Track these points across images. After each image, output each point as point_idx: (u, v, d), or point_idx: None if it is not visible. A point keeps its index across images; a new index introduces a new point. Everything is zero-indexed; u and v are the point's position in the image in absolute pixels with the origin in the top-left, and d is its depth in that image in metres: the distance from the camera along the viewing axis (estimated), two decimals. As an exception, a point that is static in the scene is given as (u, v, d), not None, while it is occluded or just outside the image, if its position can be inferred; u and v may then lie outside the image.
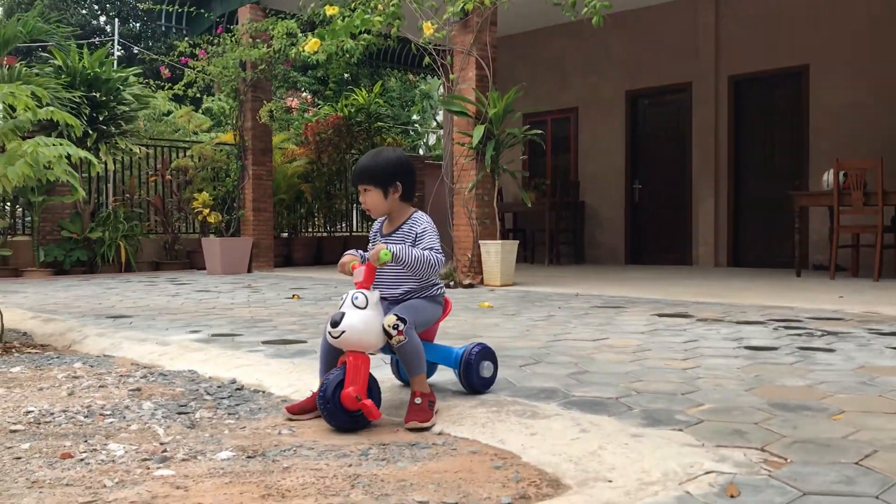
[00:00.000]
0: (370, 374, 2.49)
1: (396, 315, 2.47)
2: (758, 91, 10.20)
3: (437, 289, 2.74)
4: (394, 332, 2.44)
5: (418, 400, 2.46)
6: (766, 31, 9.90)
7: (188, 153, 11.14)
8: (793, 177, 9.72)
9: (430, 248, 2.62)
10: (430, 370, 2.92)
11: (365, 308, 2.45)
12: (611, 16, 6.31)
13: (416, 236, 2.66)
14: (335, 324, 2.42)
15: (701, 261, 10.50)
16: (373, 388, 2.48)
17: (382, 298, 2.66)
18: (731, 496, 1.75)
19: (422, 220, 2.71)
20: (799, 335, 4.09)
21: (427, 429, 2.40)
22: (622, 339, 3.97)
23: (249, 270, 10.04)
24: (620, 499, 1.77)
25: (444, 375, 2.96)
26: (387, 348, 2.55)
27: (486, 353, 2.77)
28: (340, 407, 2.39)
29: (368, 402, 2.37)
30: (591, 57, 11.61)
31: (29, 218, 10.25)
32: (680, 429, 2.24)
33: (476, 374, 2.71)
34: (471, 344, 2.78)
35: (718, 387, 2.81)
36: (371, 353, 2.51)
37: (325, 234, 13.32)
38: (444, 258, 2.65)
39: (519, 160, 9.78)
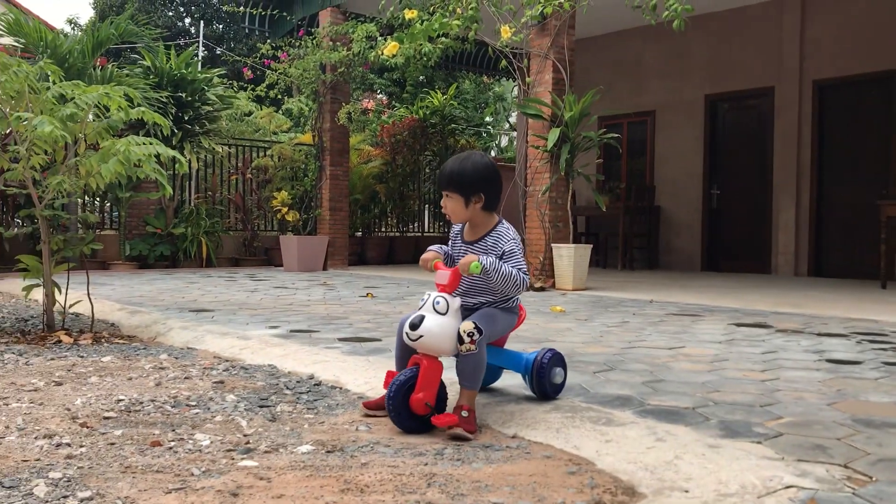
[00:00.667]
0: (441, 381, 2.51)
1: (475, 323, 2.46)
2: (843, 96, 9.88)
3: (513, 301, 2.71)
4: (467, 340, 2.43)
5: (465, 413, 2.43)
6: (854, 35, 9.59)
7: (268, 153, 11.43)
8: (879, 185, 9.39)
9: (519, 269, 2.58)
10: (497, 375, 2.93)
11: (445, 314, 2.47)
12: (692, 18, 6.22)
13: (503, 253, 2.61)
14: (414, 326, 2.44)
15: (780, 270, 10.23)
16: (440, 394, 2.50)
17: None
18: (813, 512, 1.72)
19: (508, 236, 2.65)
20: (884, 349, 3.96)
21: (469, 439, 2.35)
22: (698, 349, 3.91)
23: (325, 268, 10.23)
24: (697, 509, 1.76)
25: (509, 381, 2.97)
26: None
27: (558, 359, 2.75)
28: (408, 410, 2.43)
29: (425, 394, 2.41)
30: (671, 60, 11.44)
31: (116, 213, 10.67)
32: (759, 441, 2.21)
33: (548, 380, 2.70)
34: (542, 350, 2.76)
35: (799, 400, 2.75)
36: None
37: (397, 234, 13.47)
38: (528, 279, 2.62)
39: (594, 164, 9.69)
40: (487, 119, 30.06)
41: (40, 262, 4.52)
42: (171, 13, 27.59)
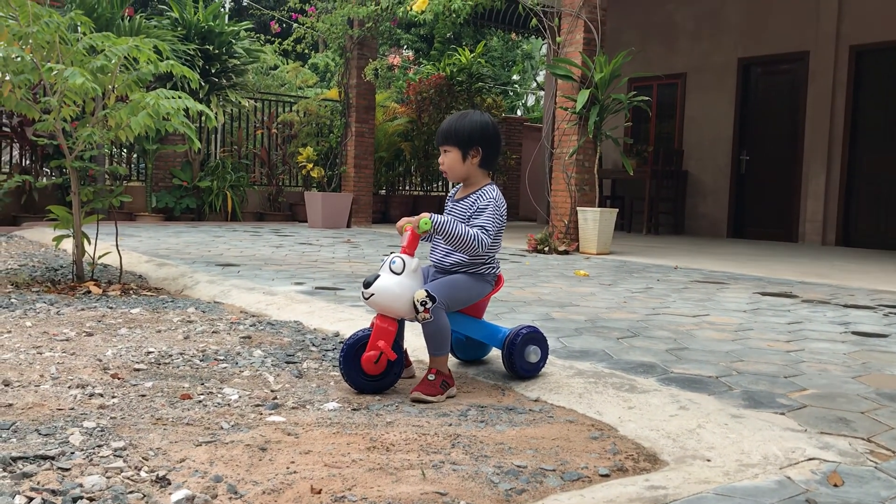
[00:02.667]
0: (400, 344, 2.48)
1: (427, 291, 2.40)
2: (881, 63, 9.66)
3: (488, 267, 2.61)
4: (420, 308, 2.37)
5: (431, 377, 2.40)
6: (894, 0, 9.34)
7: (294, 108, 11.42)
8: (914, 155, 9.23)
9: (481, 228, 2.50)
10: (487, 347, 2.85)
11: (401, 274, 2.41)
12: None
13: (476, 210, 2.56)
14: (367, 284, 2.40)
15: (808, 238, 10.13)
16: (398, 355, 2.44)
17: (433, 266, 2.65)
18: (835, 485, 1.73)
19: (487, 195, 2.58)
20: (911, 323, 3.93)
21: (431, 402, 2.34)
22: (723, 317, 3.91)
23: (348, 225, 10.27)
24: (719, 478, 1.78)
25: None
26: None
27: (534, 336, 2.62)
28: (358, 368, 2.41)
29: (381, 343, 2.37)
30: (703, 22, 11.23)
31: (143, 165, 10.75)
32: (782, 412, 2.22)
33: (520, 357, 2.58)
34: (518, 326, 2.64)
35: (823, 372, 2.75)
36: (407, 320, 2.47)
37: (421, 193, 13.47)
38: (492, 241, 2.51)
39: (622, 127, 9.59)
40: (515, 77, 29.76)
41: (70, 213, 4.57)
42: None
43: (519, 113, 27.97)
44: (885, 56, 9.61)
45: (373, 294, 2.40)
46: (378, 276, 2.43)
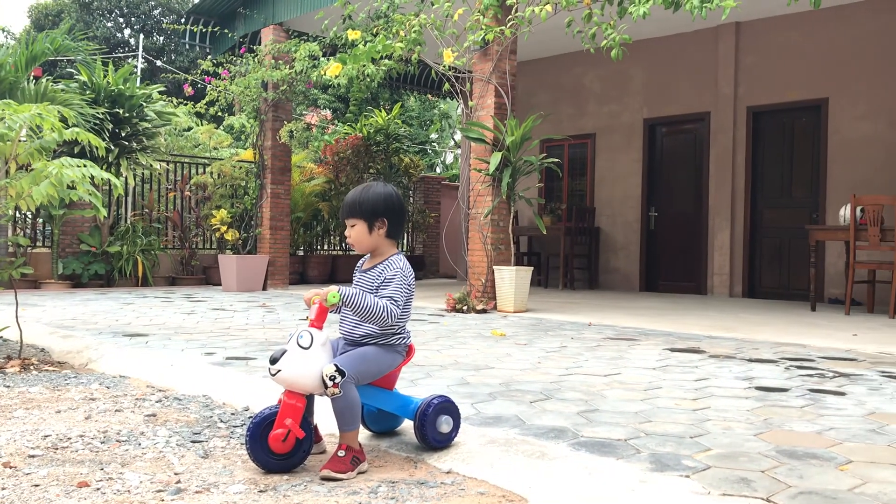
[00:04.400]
0: (309, 420, 2.44)
1: (336, 366, 2.38)
2: (776, 123, 10.21)
3: (399, 337, 2.62)
4: (329, 383, 2.35)
5: (341, 453, 2.37)
6: (786, 64, 9.93)
7: (208, 169, 11.27)
8: (810, 209, 9.73)
9: (390, 298, 2.51)
10: (396, 422, 2.82)
11: (308, 348, 2.38)
12: (631, 44, 6.36)
13: (384, 281, 2.57)
14: (274, 360, 2.36)
15: (716, 290, 10.48)
16: (307, 432, 2.41)
17: (343, 338, 2.63)
18: (735, 550, 1.76)
19: (394, 265, 2.60)
20: (810, 376, 4.09)
21: (341, 479, 2.30)
22: (633, 375, 3.99)
23: (265, 288, 10.12)
24: (625, 548, 1.80)
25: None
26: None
27: (446, 406, 2.61)
28: (265, 447, 2.35)
29: (289, 422, 2.32)
30: (611, 84, 11.68)
31: (49, 230, 10.40)
32: (687, 475, 2.26)
33: (432, 428, 2.56)
34: (429, 397, 2.63)
35: (727, 430, 2.82)
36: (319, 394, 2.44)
37: (340, 253, 13.41)
38: (400, 311, 2.52)
39: (535, 187, 9.82)
40: (433, 136, 30.20)
41: (-34, 287, 4.38)
42: (109, 24, 27.08)
43: (438, 171, 28.31)
44: (779, 116, 10.16)
45: (279, 370, 2.35)
46: (285, 350, 2.38)
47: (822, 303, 9.26)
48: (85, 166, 4.34)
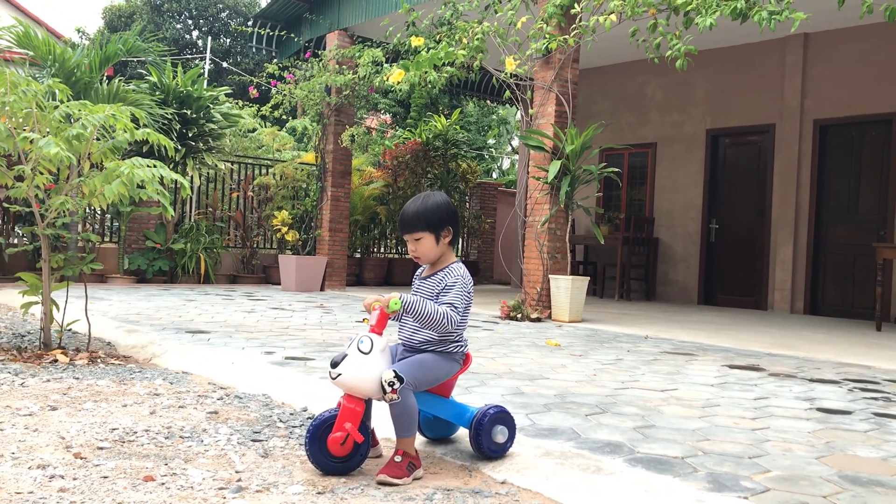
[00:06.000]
0: (367, 424, 2.48)
1: (395, 372, 2.40)
2: (844, 136, 9.96)
3: (457, 346, 2.62)
4: (388, 389, 2.37)
5: (398, 458, 2.40)
6: (856, 76, 9.68)
7: (270, 171, 11.49)
8: (878, 226, 9.46)
9: (450, 305, 2.53)
10: (451, 429, 2.84)
11: (368, 353, 2.41)
12: (694, 55, 6.28)
13: (444, 287, 2.59)
14: (334, 364, 2.40)
15: (776, 306, 10.26)
16: (365, 436, 2.44)
17: (402, 344, 2.66)
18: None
19: (455, 272, 2.61)
20: (875, 399, 3.98)
21: (397, 485, 2.33)
22: (691, 392, 3.94)
23: (322, 289, 10.25)
24: (681, 569, 1.78)
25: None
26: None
27: (502, 416, 2.62)
28: (324, 450, 2.39)
29: (348, 426, 2.35)
30: (673, 93, 11.54)
31: (116, 226, 10.72)
32: (745, 496, 2.23)
33: (487, 438, 2.58)
34: (485, 406, 2.65)
35: (787, 452, 2.77)
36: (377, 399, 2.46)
37: (396, 256, 13.51)
38: (459, 318, 2.54)
39: (594, 196, 9.75)
40: (491, 142, 30.22)
41: (40, 280, 4.54)
42: (179, 25, 27.76)
43: (494, 176, 28.32)
44: (847, 130, 9.91)
45: (340, 374, 2.40)
46: (346, 355, 2.42)
47: (889, 322, 8.99)
48: (155, 166, 4.47)
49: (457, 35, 7.75)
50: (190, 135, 10.15)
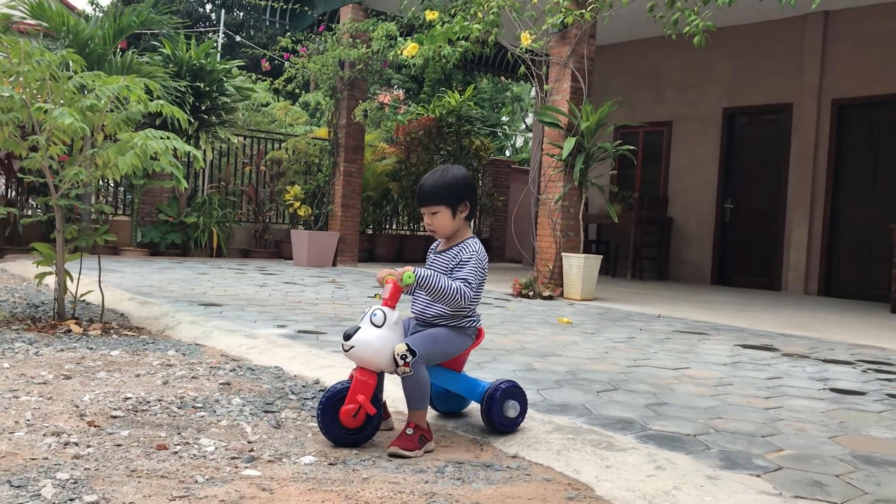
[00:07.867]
0: (379, 397, 2.48)
1: (408, 345, 2.40)
2: (863, 116, 9.84)
3: (470, 320, 2.61)
4: (400, 362, 2.38)
5: (410, 431, 2.40)
6: (876, 55, 9.54)
7: (283, 146, 11.48)
8: (894, 208, 9.36)
9: (464, 280, 2.51)
10: (463, 403, 2.84)
11: (381, 326, 2.41)
12: (712, 32, 6.20)
13: (459, 262, 2.58)
14: (347, 336, 2.40)
15: (790, 287, 10.20)
16: (377, 409, 2.44)
17: (415, 318, 2.65)
18: (808, 554, 1.73)
19: (470, 248, 2.59)
20: (889, 380, 3.96)
21: (408, 457, 2.33)
22: (703, 370, 3.92)
23: (334, 264, 10.26)
24: (693, 545, 1.78)
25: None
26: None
27: (514, 391, 2.62)
28: (336, 421, 2.40)
29: (360, 398, 2.36)
30: (690, 71, 11.41)
31: (129, 199, 10.75)
32: (758, 474, 2.22)
33: (498, 412, 2.57)
34: (497, 381, 2.64)
35: (800, 431, 2.76)
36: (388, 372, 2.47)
37: (408, 232, 13.51)
38: (473, 293, 2.53)
39: (608, 174, 9.68)
40: (504, 119, 30.07)
41: (54, 251, 4.56)
42: (192, -1, 27.66)
43: (507, 153, 28.21)
44: (866, 110, 9.79)
45: (353, 347, 2.40)
46: (358, 328, 2.42)
47: (903, 305, 8.92)
48: (168, 138, 4.46)
49: (472, 9, 7.68)
50: (203, 108, 10.13)
